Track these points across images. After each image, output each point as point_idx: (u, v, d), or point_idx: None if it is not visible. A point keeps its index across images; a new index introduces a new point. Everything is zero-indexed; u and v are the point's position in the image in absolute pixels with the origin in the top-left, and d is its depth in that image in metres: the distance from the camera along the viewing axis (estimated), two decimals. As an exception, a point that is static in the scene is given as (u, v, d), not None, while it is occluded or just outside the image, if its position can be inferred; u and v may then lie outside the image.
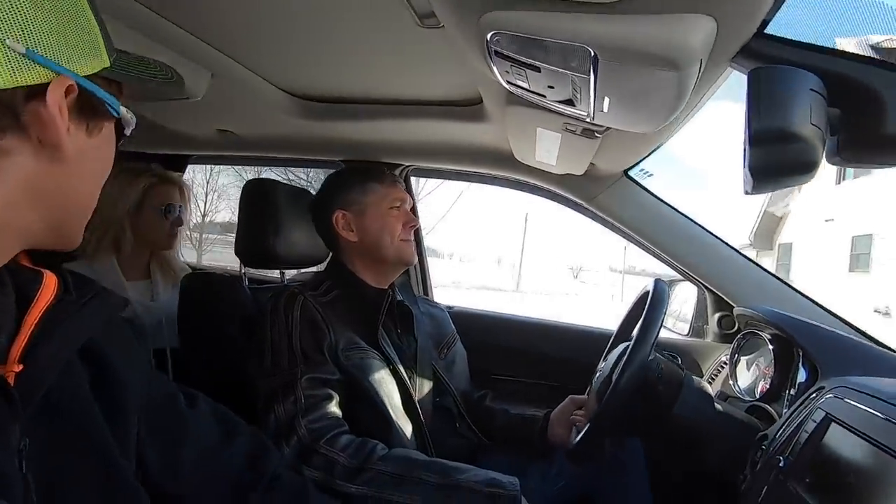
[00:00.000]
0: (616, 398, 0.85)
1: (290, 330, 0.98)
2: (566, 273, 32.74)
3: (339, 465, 0.84)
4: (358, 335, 1.04)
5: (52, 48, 0.37)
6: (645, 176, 1.30)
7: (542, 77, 0.66)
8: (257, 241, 1.16)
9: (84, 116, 0.42)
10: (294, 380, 0.92)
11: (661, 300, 0.91)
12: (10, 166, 0.38)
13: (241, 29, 0.90)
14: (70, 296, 0.45)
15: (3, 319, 0.40)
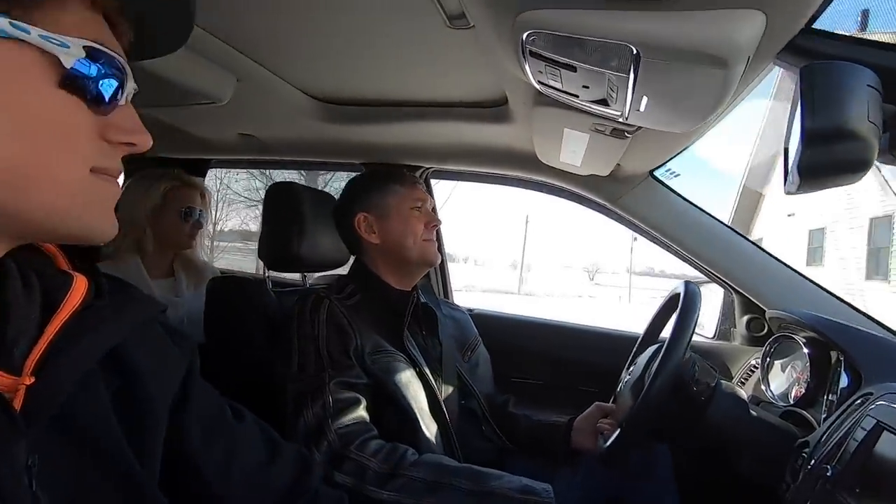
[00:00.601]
0: (651, 401, 0.83)
1: (317, 334, 0.98)
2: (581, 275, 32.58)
3: (370, 470, 0.84)
4: (383, 338, 1.04)
5: None
6: (671, 176, 1.28)
7: (577, 77, 0.65)
8: (281, 245, 1.16)
9: None
10: (322, 384, 0.92)
11: (693, 302, 0.89)
12: None
13: (267, 33, 0.90)
14: (102, 301, 0.43)
15: (24, 326, 0.37)
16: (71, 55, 0.35)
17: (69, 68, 0.35)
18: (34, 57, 0.34)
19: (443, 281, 1.77)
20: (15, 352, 0.36)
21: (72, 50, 0.35)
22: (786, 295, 1.24)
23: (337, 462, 0.86)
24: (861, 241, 10.70)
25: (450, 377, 1.14)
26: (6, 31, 0.33)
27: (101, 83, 0.37)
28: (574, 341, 1.60)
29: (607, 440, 1.00)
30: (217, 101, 1.06)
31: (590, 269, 34.13)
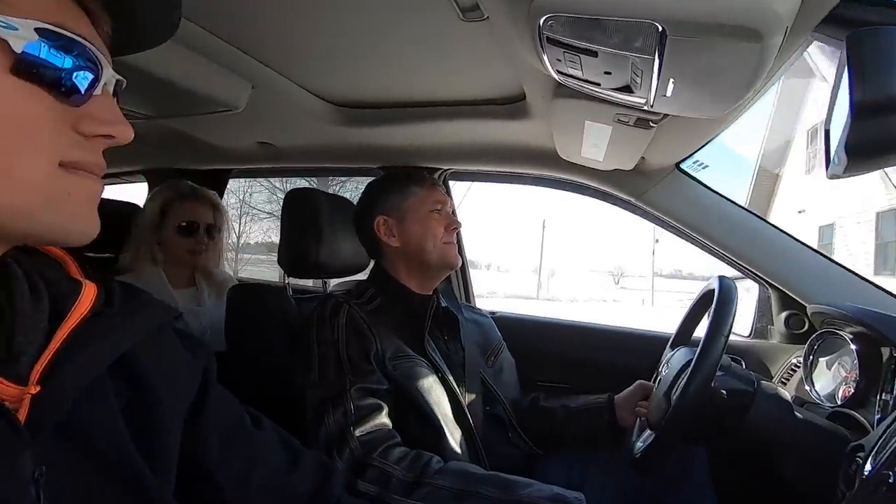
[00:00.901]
0: (687, 405, 0.79)
1: (337, 339, 0.96)
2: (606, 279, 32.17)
3: (394, 478, 0.81)
4: (405, 343, 1.02)
5: None
6: (699, 168, 1.23)
7: (598, 62, 0.62)
8: (300, 251, 1.16)
9: None
10: (343, 391, 0.90)
11: (729, 298, 0.84)
12: None
13: (281, 39, 0.90)
14: (111, 308, 0.42)
15: (32, 334, 0.36)
16: (20, 38, 0.32)
17: (18, 53, 0.32)
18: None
19: (464, 285, 1.75)
20: (21, 360, 0.35)
21: (21, 32, 0.32)
22: (827, 288, 1.17)
23: (359, 470, 0.84)
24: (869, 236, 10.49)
25: (473, 383, 1.11)
26: None
27: (63, 70, 0.34)
28: (600, 342, 1.55)
29: (638, 440, 0.96)
30: (233, 109, 1.06)
31: (615, 272, 33.66)
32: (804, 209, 12.30)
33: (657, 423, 0.90)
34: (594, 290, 23.42)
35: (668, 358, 1.04)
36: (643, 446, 0.92)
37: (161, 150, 1.67)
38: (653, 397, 0.99)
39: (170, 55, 0.88)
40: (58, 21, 0.34)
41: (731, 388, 0.84)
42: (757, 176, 14.05)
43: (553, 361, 1.53)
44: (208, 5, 0.78)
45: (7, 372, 0.34)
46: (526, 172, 1.47)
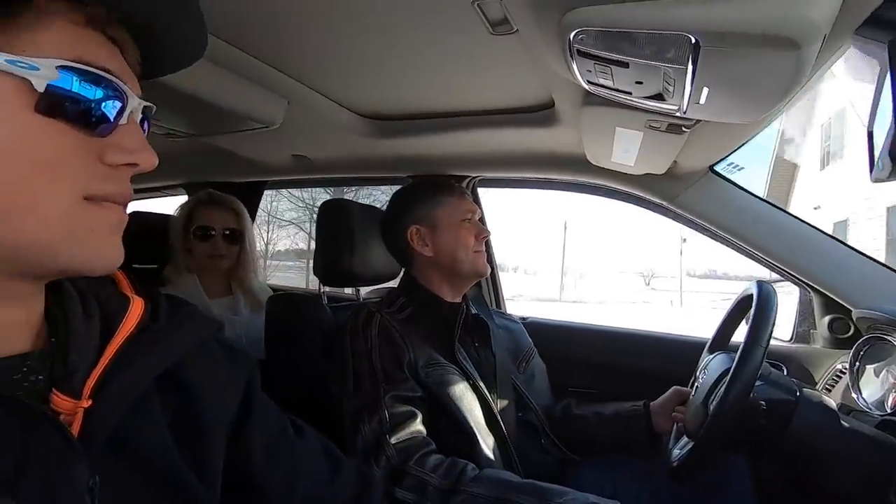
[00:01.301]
0: (726, 413, 0.77)
1: (370, 349, 0.98)
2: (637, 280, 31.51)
3: (431, 486, 0.82)
4: (436, 351, 1.03)
5: None
6: (733, 170, 1.20)
7: (629, 73, 0.62)
8: (334, 260, 1.19)
9: None
10: (378, 399, 0.92)
11: (769, 304, 0.82)
12: None
13: (316, 56, 0.93)
14: (157, 323, 0.43)
15: (85, 353, 0.38)
16: (42, 77, 0.33)
17: (41, 91, 0.33)
18: (6, 83, 0.32)
19: (494, 291, 1.75)
20: (76, 376, 0.37)
21: (42, 72, 0.33)
22: (873, 292, 1.13)
23: (396, 477, 0.85)
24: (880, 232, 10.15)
25: (505, 389, 1.11)
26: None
27: (88, 103, 0.35)
28: (631, 347, 1.53)
29: (674, 447, 0.94)
30: (270, 125, 1.10)
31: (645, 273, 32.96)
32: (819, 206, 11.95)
33: (695, 431, 0.88)
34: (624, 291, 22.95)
35: (705, 363, 1.02)
36: (680, 454, 0.90)
37: (200, 164, 1.74)
38: (690, 404, 0.97)
39: (210, 77, 0.92)
40: (80, 55, 0.35)
41: (771, 399, 0.82)
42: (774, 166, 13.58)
43: (584, 367, 1.52)
44: (247, 29, 0.81)
45: (63, 387, 0.37)
46: (555, 178, 1.46)
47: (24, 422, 0.33)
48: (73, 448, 0.35)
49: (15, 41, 0.32)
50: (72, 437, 0.35)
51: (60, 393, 0.36)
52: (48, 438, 0.34)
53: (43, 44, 0.33)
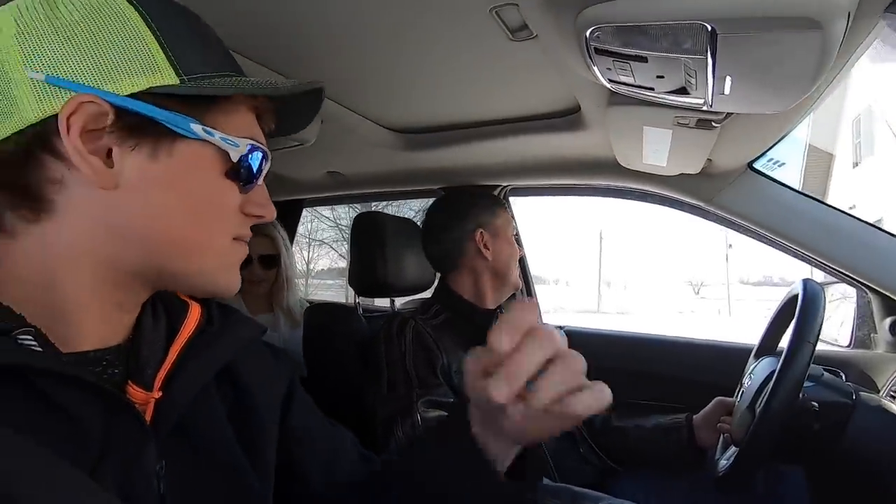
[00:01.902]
0: (771, 418, 0.74)
1: (404, 354, 1.00)
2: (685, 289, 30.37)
3: None
4: None
5: (77, 71, 0.36)
6: (774, 167, 1.15)
7: (649, 67, 0.62)
8: (368, 271, 1.22)
9: (136, 138, 0.38)
10: (411, 403, 0.93)
11: (815, 303, 0.78)
12: (70, 199, 0.38)
13: (344, 73, 0.97)
14: (211, 326, 0.48)
15: (153, 349, 0.44)
16: (238, 152, 0.42)
17: (235, 162, 0.42)
18: (211, 152, 0.41)
19: (529, 297, 1.74)
20: (147, 372, 0.42)
21: (240, 148, 0.42)
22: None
23: None
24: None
25: (540, 396, 1.10)
26: (198, 134, 0.40)
27: (252, 171, 0.44)
28: (674, 355, 1.47)
29: (721, 457, 0.89)
30: (305, 143, 1.15)
31: (694, 282, 31.69)
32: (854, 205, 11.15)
33: (741, 438, 0.84)
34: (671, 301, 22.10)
35: (751, 369, 0.97)
36: (727, 464, 0.86)
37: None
38: (735, 410, 0.93)
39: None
40: (255, 135, 0.44)
41: (825, 401, 0.77)
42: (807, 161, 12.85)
43: (625, 377, 1.47)
44: (278, 51, 0.86)
45: (137, 379, 0.41)
46: (586, 184, 1.45)
47: (108, 408, 0.37)
48: (146, 434, 0.39)
49: (218, 121, 0.41)
50: (146, 423, 0.39)
51: (135, 385, 0.41)
52: (127, 425, 0.38)
53: (234, 125, 0.42)
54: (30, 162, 0.37)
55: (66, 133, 0.36)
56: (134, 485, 0.37)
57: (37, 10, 0.37)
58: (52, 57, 0.36)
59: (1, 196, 0.37)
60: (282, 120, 0.50)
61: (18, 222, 0.38)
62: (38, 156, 0.37)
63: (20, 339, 0.35)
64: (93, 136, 0.37)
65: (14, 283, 0.38)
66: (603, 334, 1.63)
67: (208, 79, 0.41)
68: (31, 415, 0.34)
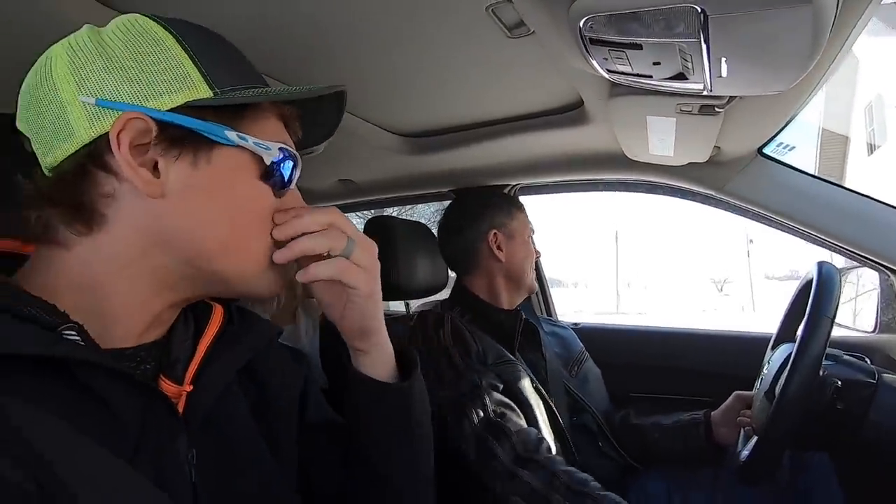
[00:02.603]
0: (788, 405, 0.73)
1: (445, 346, 1.01)
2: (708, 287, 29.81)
3: (559, 481, 0.82)
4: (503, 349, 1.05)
5: (123, 93, 0.40)
6: (785, 151, 1.14)
7: (644, 54, 0.62)
8: (383, 275, 1.23)
9: (178, 148, 0.42)
10: (476, 386, 0.94)
11: (831, 280, 0.77)
12: (120, 210, 0.41)
13: (348, 80, 0.98)
14: (233, 326, 0.51)
15: (182, 347, 0.47)
16: (270, 155, 0.45)
17: (268, 165, 0.45)
18: (246, 157, 0.45)
19: (545, 301, 1.73)
20: (178, 367, 0.45)
21: (271, 151, 0.45)
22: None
23: (523, 462, 0.85)
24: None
25: (557, 392, 1.10)
26: (233, 140, 0.43)
27: (284, 175, 0.47)
28: (699, 348, 1.45)
29: (743, 449, 0.88)
30: (314, 151, 1.17)
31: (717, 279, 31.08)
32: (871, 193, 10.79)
33: (762, 426, 0.83)
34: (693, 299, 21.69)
35: (769, 357, 0.96)
36: (748, 454, 0.85)
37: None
38: (754, 400, 0.91)
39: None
40: (283, 140, 0.48)
41: (847, 379, 0.76)
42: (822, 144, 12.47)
43: (645, 372, 1.46)
44: (281, 62, 0.89)
45: (169, 374, 0.44)
46: (595, 178, 1.45)
47: (144, 400, 0.40)
48: (179, 424, 0.42)
49: (250, 128, 0.45)
50: (178, 414, 0.43)
51: (167, 379, 0.44)
52: (161, 415, 0.41)
53: (266, 131, 0.46)
54: (85, 179, 0.41)
55: (118, 148, 0.40)
56: (167, 472, 0.40)
57: (86, 43, 0.41)
58: (101, 82, 0.40)
59: (57, 213, 0.41)
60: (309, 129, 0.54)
61: (72, 235, 0.41)
62: (92, 172, 0.41)
63: (65, 334, 0.38)
64: (140, 150, 0.41)
65: (63, 288, 0.41)
66: (618, 329, 1.62)
67: (239, 90, 0.44)
68: (74, 405, 0.36)
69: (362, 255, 0.49)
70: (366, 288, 0.50)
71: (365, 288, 0.50)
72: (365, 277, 0.49)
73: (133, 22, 0.43)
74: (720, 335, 1.47)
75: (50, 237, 0.42)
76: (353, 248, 0.48)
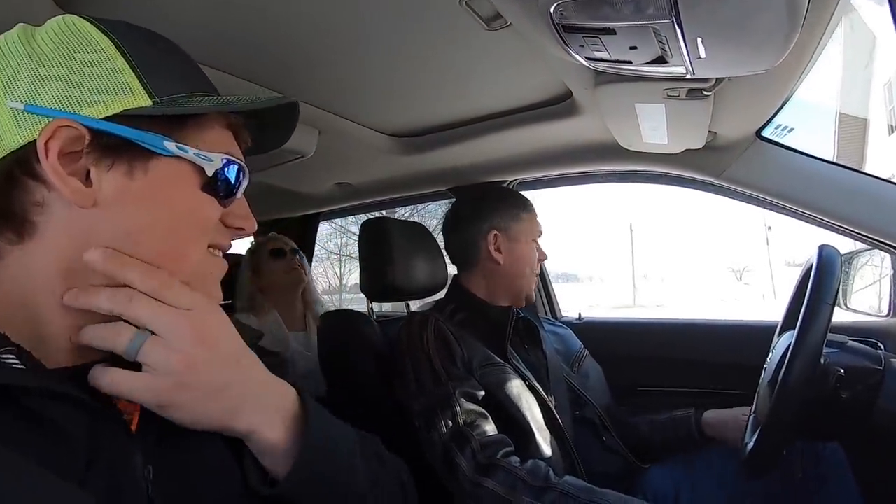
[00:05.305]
0: (788, 393, 0.70)
1: (427, 350, 1.00)
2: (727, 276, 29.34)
3: (521, 481, 0.82)
4: (491, 352, 1.03)
5: (54, 99, 0.39)
6: (784, 133, 1.11)
7: (620, 39, 0.61)
8: (378, 276, 1.23)
9: (112, 158, 0.40)
10: (449, 395, 0.93)
11: (831, 264, 0.74)
12: (51, 219, 0.39)
13: (333, 83, 0.99)
14: None
15: None
16: (213, 166, 0.44)
17: (210, 176, 0.44)
18: (186, 168, 0.43)
19: (548, 299, 1.71)
20: None
21: (214, 162, 0.44)
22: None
23: (485, 469, 0.85)
24: None
25: (559, 388, 1.09)
26: (172, 151, 0.42)
27: (229, 184, 0.46)
28: (707, 339, 1.42)
29: (749, 440, 0.85)
30: (304, 155, 1.18)
31: (736, 269, 30.54)
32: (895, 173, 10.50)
33: (765, 416, 0.80)
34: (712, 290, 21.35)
35: (774, 344, 0.93)
36: (752, 444, 0.82)
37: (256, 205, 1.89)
38: (758, 389, 0.89)
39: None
40: (230, 150, 0.46)
41: (851, 366, 0.73)
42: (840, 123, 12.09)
43: (653, 364, 1.44)
44: (266, 67, 0.89)
45: None
46: (592, 171, 1.43)
47: (93, 419, 0.39)
48: (132, 441, 0.41)
49: (192, 137, 0.44)
50: (131, 430, 0.41)
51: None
52: (112, 433, 0.40)
53: (208, 141, 0.45)
54: (12, 186, 0.39)
55: (45, 156, 0.38)
56: (123, 490, 0.39)
57: (16, 44, 0.40)
58: (31, 87, 0.39)
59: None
60: (262, 136, 0.52)
61: (3, 245, 0.40)
62: (20, 179, 0.39)
63: (2, 359, 0.37)
64: (71, 158, 0.39)
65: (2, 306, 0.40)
66: (624, 322, 1.59)
67: (181, 99, 0.43)
68: (17, 431, 0.35)
69: (151, 352, 0.40)
70: (154, 400, 0.40)
71: (153, 401, 0.40)
72: (148, 386, 0.40)
73: (68, 23, 0.41)
74: (729, 325, 1.43)
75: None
76: (140, 345, 0.40)
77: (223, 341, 0.44)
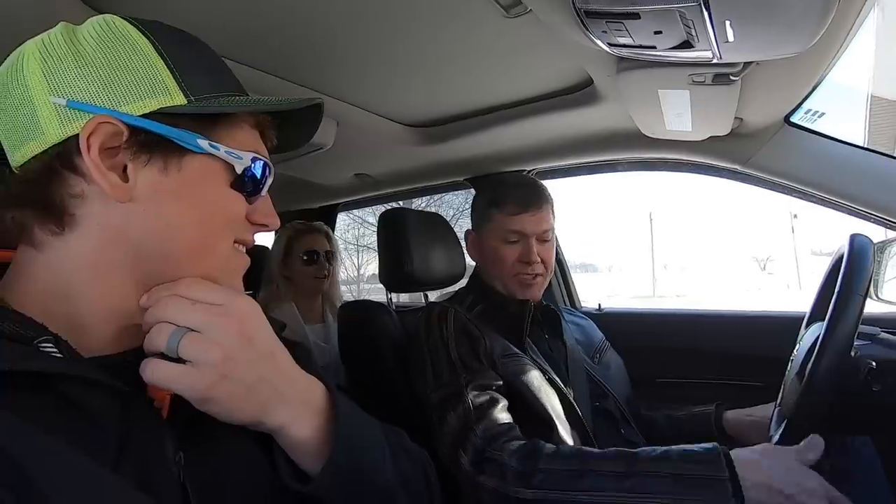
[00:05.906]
0: (817, 385, 0.68)
1: (446, 341, 1.00)
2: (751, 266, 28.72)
3: (509, 470, 0.80)
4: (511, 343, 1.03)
5: (95, 95, 0.40)
6: (814, 118, 1.07)
7: (644, 24, 0.59)
8: (396, 267, 1.23)
9: (148, 154, 0.42)
10: (461, 390, 0.93)
11: (862, 254, 0.72)
12: (89, 212, 0.41)
13: (351, 74, 0.99)
14: None
15: None
16: (242, 164, 0.46)
17: (239, 173, 0.46)
18: (217, 165, 0.45)
19: (567, 290, 1.70)
20: None
21: (243, 160, 0.46)
22: None
23: (479, 464, 0.84)
24: None
25: (578, 378, 1.08)
26: (204, 148, 0.44)
27: (256, 181, 0.48)
28: (730, 330, 1.39)
29: (775, 433, 0.84)
30: (323, 147, 1.18)
31: (760, 258, 29.85)
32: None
33: (791, 408, 0.79)
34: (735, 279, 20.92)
35: (801, 336, 0.91)
36: (778, 437, 0.81)
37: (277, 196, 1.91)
38: (785, 382, 0.87)
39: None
40: (257, 149, 0.48)
41: (883, 359, 0.71)
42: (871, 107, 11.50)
43: (673, 356, 1.42)
44: (285, 58, 0.89)
45: None
46: (613, 159, 1.40)
47: (125, 406, 0.40)
48: (163, 427, 0.42)
49: (223, 136, 0.45)
50: (162, 418, 0.43)
51: None
52: (144, 420, 0.41)
53: (238, 139, 0.47)
54: (53, 179, 0.41)
55: (87, 151, 0.40)
56: (155, 475, 0.40)
57: (60, 43, 0.42)
58: (74, 84, 0.40)
59: (30, 212, 0.42)
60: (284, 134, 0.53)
61: (45, 236, 0.42)
62: (61, 173, 0.41)
63: (41, 347, 0.38)
64: (110, 154, 0.41)
65: (39, 295, 0.42)
66: (645, 313, 1.57)
67: (214, 98, 0.44)
68: (54, 415, 0.37)
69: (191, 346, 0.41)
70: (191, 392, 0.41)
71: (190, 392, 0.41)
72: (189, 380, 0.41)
73: (109, 23, 0.43)
74: (751, 316, 1.40)
75: (25, 238, 0.42)
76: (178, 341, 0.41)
77: (259, 334, 0.45)
